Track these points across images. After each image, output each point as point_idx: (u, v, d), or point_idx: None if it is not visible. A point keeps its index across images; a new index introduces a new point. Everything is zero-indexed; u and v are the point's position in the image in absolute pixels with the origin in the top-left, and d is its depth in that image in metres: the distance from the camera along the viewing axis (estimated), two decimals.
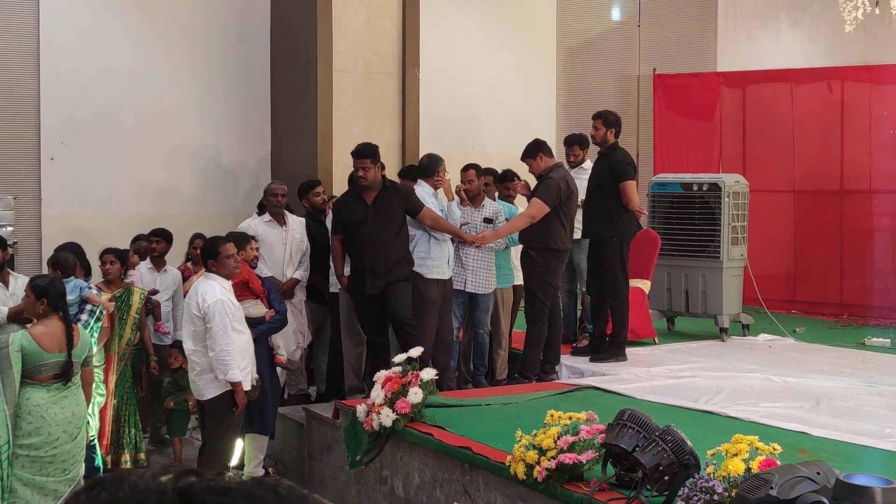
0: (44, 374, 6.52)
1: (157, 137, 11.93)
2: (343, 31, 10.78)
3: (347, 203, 8.63)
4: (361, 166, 8.47)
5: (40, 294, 6.60)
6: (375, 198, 8.49)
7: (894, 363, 9.59)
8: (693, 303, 10.83)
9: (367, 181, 8.46)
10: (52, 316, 6.60)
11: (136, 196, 11.80)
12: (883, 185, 12.64)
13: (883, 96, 12.68)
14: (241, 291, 7.86)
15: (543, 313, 9.02)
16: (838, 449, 6.57)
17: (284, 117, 11.62)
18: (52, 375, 6.54)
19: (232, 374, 7.20)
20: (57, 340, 6.53)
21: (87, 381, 6.89)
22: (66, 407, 6.55)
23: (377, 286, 8.41)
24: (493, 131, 13.75)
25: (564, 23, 14.78)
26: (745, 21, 16.02)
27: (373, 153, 8.54)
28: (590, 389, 8.37)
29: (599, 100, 14.04)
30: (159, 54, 11.96)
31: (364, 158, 8.47)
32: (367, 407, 7.40)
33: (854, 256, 12.82)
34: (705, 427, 6.86)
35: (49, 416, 6.46)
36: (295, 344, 9.14)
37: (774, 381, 8.67)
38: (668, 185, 11.17)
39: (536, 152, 9.16)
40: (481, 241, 8.83)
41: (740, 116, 13.67)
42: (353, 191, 8.67)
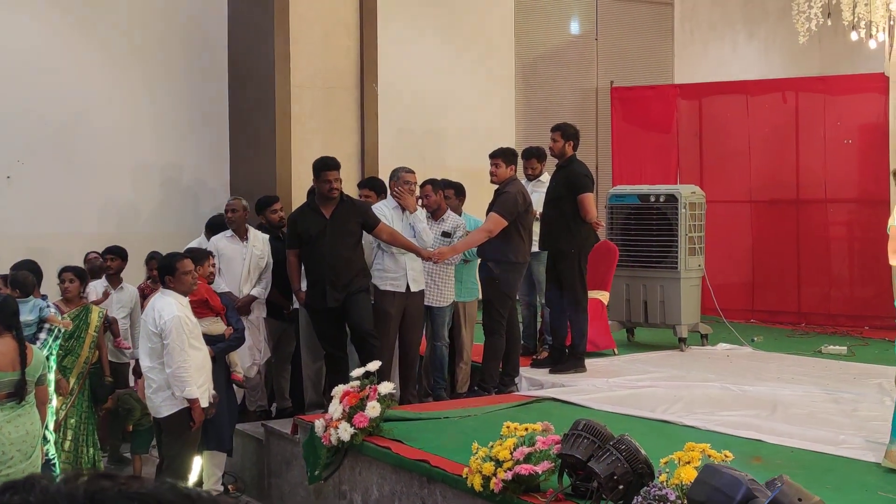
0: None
1: (115, 156, 11.88)
2: (300, 47, 10.79)
3: (305, 216, 8.64)
4: (335, 178, 8.52)
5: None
6: (333, 211, 8.52)
7: (851, 370, 9.67)
8: (652, 313, 10.89)
9: (338, 193, 8.51)
10: (4, 335, 6.56)
11: (95, 215, 11.76)
12: (838, 195, 12.77)
13: (836, 107, 12.82)
14: (200, 309, 7.83)
15: (501, 325, 9.06)
16: (793, 456, 6.64)
17: (243, 134, 11.61)
18: (5, 394, 6.49)
19: (189, 390, 7.17)
20: (10, 359, 6.49)
21: (41, 400, 6.84)
22: (20, 426, 6.50)
23: (337, 299, 8.43)
24: (452, 144, 13.80)
25: (522, 36, 14.85)
26: (702, 33, 16.17)
27: (339, 165, 8.64)
28: (549, 401, 8.41)
29: (557, 112, 14.11)
30: (116, 72, 11.92)
31: (335, 170, 8.56)
32: (325, 422, 7.39)
33: (811, 265, 12.93)
34: (662, 436, 6.90)
35: (3, 436, 6.42)
36: (251, 360, 9.12)
37: (732, 389, 8.74)
38: (625, 196, 11.24)
39: (512, 161, 9.22)
40: (438, 256, 8.86)
41: (697, 128, 13.78)
42: (311, 204, 8.69)
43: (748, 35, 16.30)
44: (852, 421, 7.58)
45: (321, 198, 8.56)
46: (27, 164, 11.41)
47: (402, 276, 8.84)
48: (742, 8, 16.26)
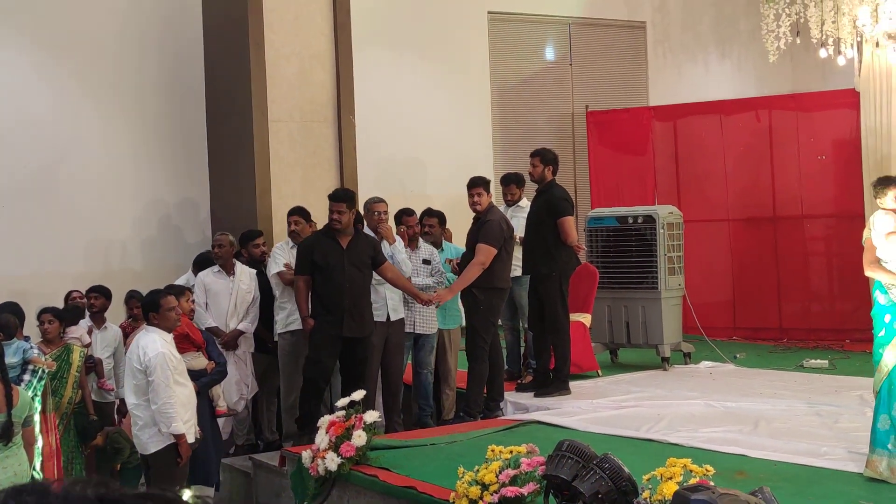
0: None
1: (97, 195, 11.94)
2: (276, 82, 10.87)
3: (321, 244, 8.66)
4: (337, 209, 8.57)
5: None
6: (350, 242, 8.58)
7: (832, 383, 9.77)
8: (634, 334, 10.98)
9: (342, 224, 8.56)
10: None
11: (81, 255, 11.80)
12: (814, 210, 12.90)
13: (809, 123, 12.97)
14: (182, 344, 7.87)
15: (485, 350, 9.12)
16: (776, 469, 6.71)
17: (222, 169, 11.67)
18: None
19: (175, 426, 7.19)
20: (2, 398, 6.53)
21: (28, 442, 6.86)
22: (7, 467, 6.52)
23: (354, 330, 8.49)
24: (432, 173, 13.91)
25: (497, 64, 15.00)
26: (675, 56, 16.34)
27: (349, 198, 8.69)
28: (534, 424, 8.46)
29: (535, 138, 14.23)
30: (95, 113, 12.00)
31: (341, 202, 8.59)
32: (312, 452, 7.44)
33: (790, 281, 13.05)
34: (647, 454, 6.95)
35: None
36: (238, 395, 9.15)
37: (715, 406, 8.82)
38: (603, 219, 11.34)
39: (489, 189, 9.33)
40: (438, 300, 8.93)
41: (673, 149, 13.91)
42: (326, 233, 8.72)
43: (720, 56, 16.50)
44: (834, 433, 7.66)
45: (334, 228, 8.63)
46: (8, 206, 11.45)
47: (383, 305, 8.93)
48: (713, 29, 16.46)
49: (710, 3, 16.24)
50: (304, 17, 11.03)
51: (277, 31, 10.85)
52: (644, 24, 16.23)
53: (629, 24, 16.12)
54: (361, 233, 8.82)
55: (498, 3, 14.92)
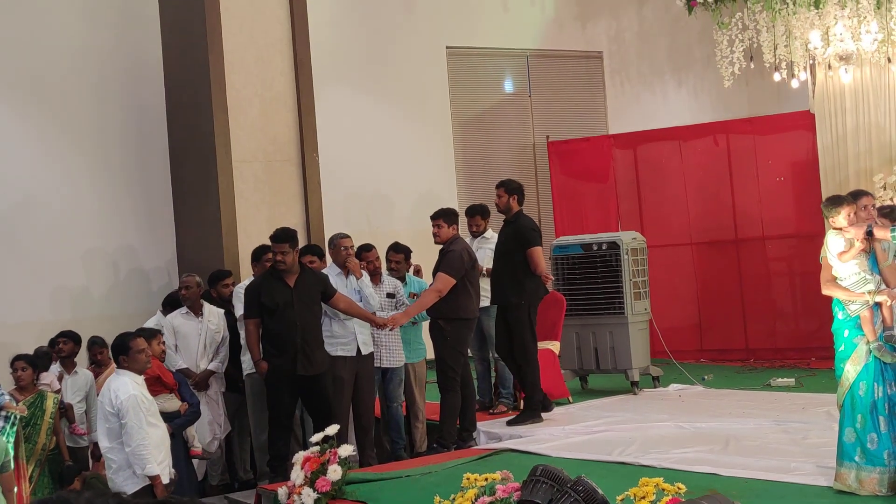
0: None
1: (62, 243, 11.89)
2: (240, 123, 10.94)
3: (269, 286, 8.69)
4: (280, 251, 8.61)
5: None
6: (296, 281, 8.63)
7: (799, 401, 9.89)
8: (603, 360, 11.08)
9: (286, 265, 8.60)
10: None
11: (47, 303, 11.75)
12: (774, 231, 13.07)
13: (766, 146, 13.17)
14: (154, 386, 7.89)
15: (456, 381, 9.19)
16: (747, 486, 6.81)
17: (187, 211, 11.70)
18: None
19: (150, 468, 7.20)
20: None
21: (7, 488, 6.85)
22: None
23: (308, 368, 8.52)
24: (397, 208, 14.00)
25: (457, 97, 15.13)
26: (632, 84, 16.55)
27: (291, 237, 8.73)
28: (508, 452, 8.52)
29: (497, 170, 14.38)
30: (55, 158, 11.97)
31: (283, 243, 8.63)
32: (288, 489, 7.46)
33: (755, 302, 13.20)
34: (620, 477, 7.03)
35: None
36: (211, 435, 9.17)
37: (685, 428, 8.92)
38: (568, 246, 11.46)
39: (453, 221, 9.41)
40: (392, 323, 9.00)
41: (633, 175, 14.08)
42: (273, 274, 8.76)
43: (677, 83, 16.74)
44: (802, 449, 7.78)
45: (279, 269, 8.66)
46: None
47: (352, 339, 8.98)
48: (669, 57, 16.70)
49: (664, 31, 16.48)
50: (264, 58, 11.13)
51: (238, 72, 10.94)
52: (601, 55, 16.43)
53: (586, 54, 16.32)
54: (308, 269, 8.87)
55: (456, 37, 15.08)
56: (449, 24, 14.97)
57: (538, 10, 15.81)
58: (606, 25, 16.40)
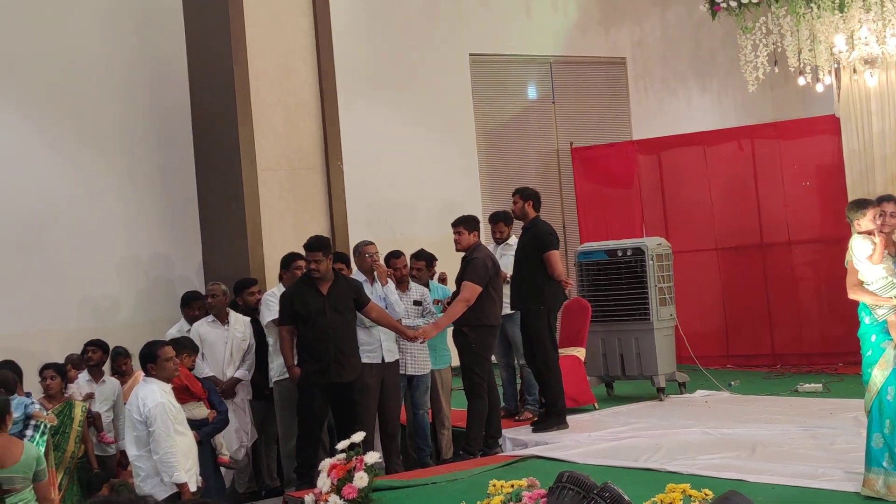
0: None
1: (88, 251, 11.98)
2: (264, 131, 10.97)
3: (301, 293, 8.71)
4: (314, 259, 8.62)
5: None
6: (330, 289, 8.64)
7: (827, 406, 9.84)
8: (629, 366, 11.05)
9: (320, 273, 8.61)
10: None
11: (73, 311, 11.83)
12: (801, 236, 13.01)
13: (792, 150, 13.12)
14: (182, 395, 7.93)
15: (483, 388, 9.19)
16: (774, 492, 6.78)
17: (213, 219, 11.74)
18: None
19: (177, 475, 7.22)
20: None
21: (42, 496, 6.82)
22: None
23: (342, 375, 8.53)
24: (421, 215, 14.00)
25: (480, 104, 15.15)
26: (656, 90, 16.53)
27: (324, 246, 8.73)
28: (533, 459, 8.52)
29: (521, 177, 14.39)
30: (82, 168, 12.07)
31: (316, 251, 8.65)
32: (314, 496, 7.48)
33: (781, 307, 13.13)
34: (646, 483, 7.00)
35: None
36: (238, 443, 9.20)
37: (712, 434, 8.88)
38: (592, 253, 11.45)
39: (474, 227, 9.41)
40: (423, 336, 9.00)
41: (658, 181, 14.05)
42: (306, 281, 8.78)
43: (701, 88, 16.71)
44: (830, 454, 7.73)
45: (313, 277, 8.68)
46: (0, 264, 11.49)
47: (377, 347, 8.99)
48: (693, 62, 16.67)
49: (688, 36, 16.45)
50: (288, 67, 11.16)
51: (263, 80, 10.98)
52: (624, 60, 16.43)
53: (609, 60, 16.32)
54: (342, 277, 8.89)
55: (479, 45, 15.10)
56: (472, 32, 15.00)
57: (561, 17, 15.82)
58: (630, 31, 16.39)
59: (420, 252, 10.05)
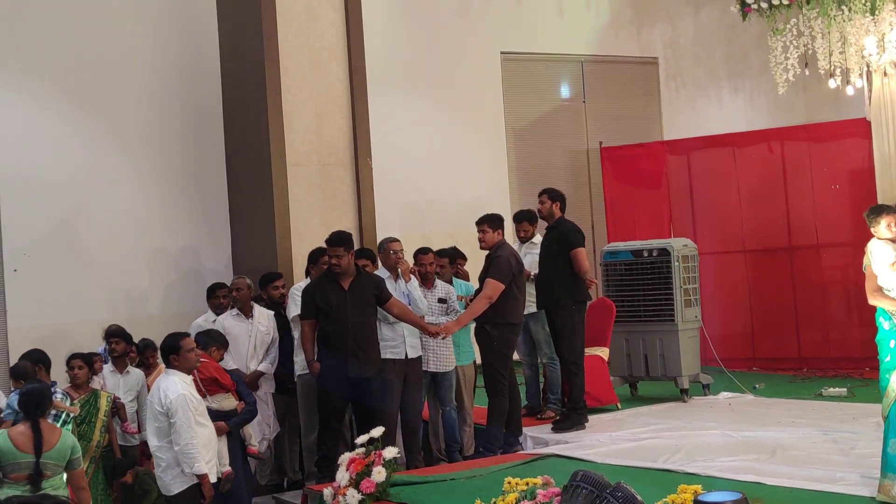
0: (18, 473, 6.66)
1: (119, 243, 12.12)
2: (294, 127, 11.05)
3: (323, 288, 8.76)
4: (335, 254, 8.67)
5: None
6: (351, 283, 8.70)
7: (850, 411, 9.81)
8: (653, 366, 11.05)
9: (342, 268, 8.65)
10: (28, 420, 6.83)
11: (103, 302, 11.96)
12: (829, 239, 12.96)
13: (822, 153, 13.06)
14: (211, 386, 8.02)
15: (504, 385, 9.20)
16: (791, 495, 6.77)
17: (243, 214, 11.85)
18: (25, 475, 6.67)
19: (198, 466, 7.30)
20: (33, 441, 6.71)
21: (77, 486, 6.94)
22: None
23: (361, 370, 8.58)
24: (449, 212, 14.03)
25: (511, 103, 15.17)
26: (687, 90, 16.49)
27: (346, 241, 8.75)
28: (552, 458, 8.53)
29: (550, 176, 14.39)
30: (116, 161, 12.21)
31: (338, 247, 8.68)
32: (333, 490, 7.54)
33: (808, 311, 13.09)
34: (663, 484, 6.99)
35: None
36: (261, 435, 9.27)
37: (732, 436, 8.86)
38: (618, 253, 11.45)
39: (498, 226, 9.44)
40: (445, 332, 9.04)
41: (687, 182, 14.03)
42: (328, 276, 8.83)
43: (733, 89, 16.64)
44: (849, 459, 7.71)
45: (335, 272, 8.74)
46: (33, 255, 11.65)
47: (401, 343, 9.03)
48: (725, 63, 16.60)
49: (720, 37, 16.39)
50: (319, 63, 11.23)
51: (293, 76, 11.06)
52: (656, 60, 16.40)
53: (641, 60, 16.30)
54: (363, 272, 8.92)
55: (510, 43, 15.12)
56: (504, 30, 15.02)
57: (593, 16, 15.81)
58: (662, 31, 16.36)
59: (444, 250, 10.08)
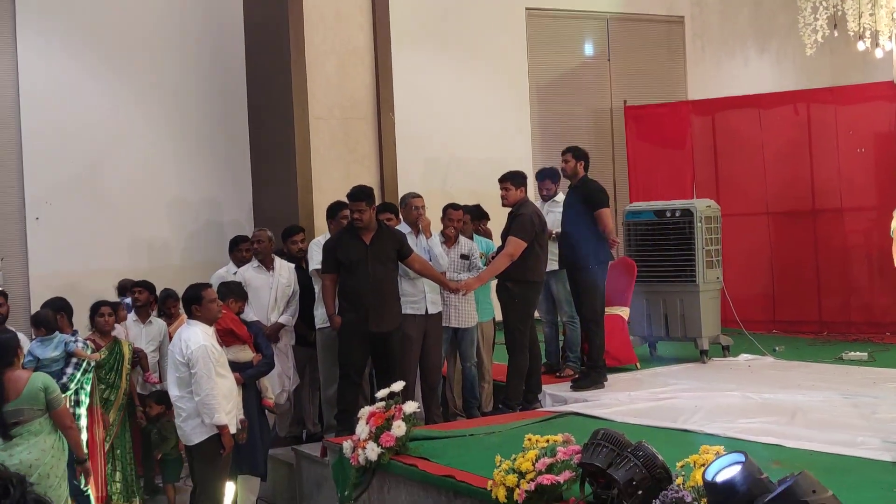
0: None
1: (141, 193, 12.15)
2: (316, 79, 10.99)
3: (345, 242, 8.73)
4: (357, 209, 8.63)
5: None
6: (372, 238, 8.67)
7: (871, 375, 9.76)
8: (673, 327, 11.01)
9: (363, 223, 8.61)
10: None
11: (124, 251, 12.01)
12: (853, 203, 12.84)
13: (848, 116, 12.92)
14: (227, 338, 8.03)
15: (524, 344, 9.19)
16: (812, 459, 6.72)
17: (264, 166, 11.82)
18: None
19: (218, 417, 7.34)
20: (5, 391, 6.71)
21: (62, 425, 6.91)
22: (14, 454, 6.69)
23: (381, 325, 8.58)
24: (471, 169, 13.98)
25: (535, 60, 15.07)
26: (713, 50, 16.33)
27: (367, 196, 8.70)
28: (571, 416, 8.52)
29: (573, 134, 14.30)
30: (139, 111, 12.21)
31: (359, 201, 8.64)
32: (353, 443, 7.55)
33: (830, 274, 13.01)
34: (683, 444, 6.96)
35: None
36: (281, 387, 9.30)
37: (752, 398, 8.83)
38: (641, 212, 11.38)
39: (521, 183, 9.38)
40: (466, 289, 9.01)
41: (711, 143, 13.91)
42: (349, 230, 8.80)
43: (759, 50, 16.47)
44: (870, 423, 7.67)
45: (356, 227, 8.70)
46: (55, 203, 11.68)
47: (421, 298, 9.02)
48: (752, 23, 16.43)
49: None
50: (343, 15, 11.14)
51: (317, 27, 10.97)
52: (682, 19, 16.25)
53: (667, 18, 16.15)
54: (385, 227, 8.88)
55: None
56: None
57: None
58: None
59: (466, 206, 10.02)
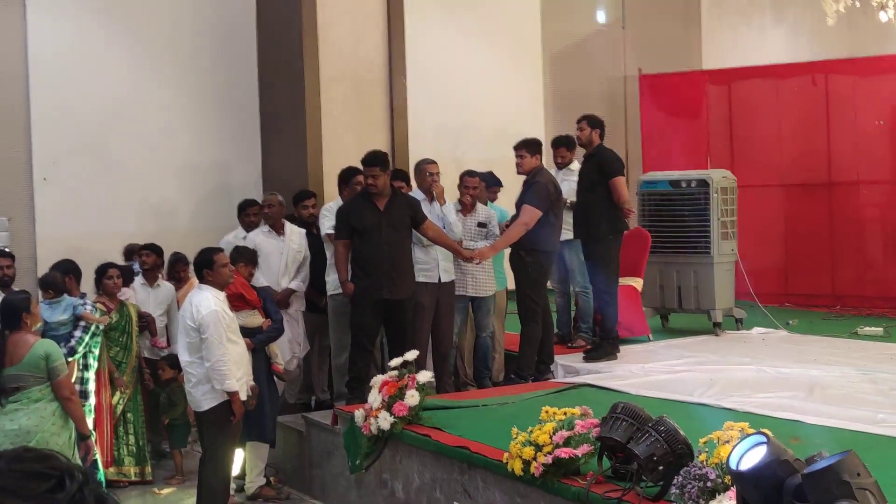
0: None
1: (150, 155, 12.02)
2: (329, 41, 10.84)
3: (359, 208, 8.60)
4: (371, 174, 8.50)
5: None
6: (387, 204, 8.54)
7: (887, 351, 9.66)
8: (686, 299, 10.89)
9: (377, 188, 8.49)
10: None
11: (132, 214, 11.89)
12: (870, 176, 12.71)
13: (866, 88, 12.76)
14: (237, 303, 7.92)
15: (537, 313, 9.09)
16: (832, 435, 6.62)
17: (274, 129, 11.69)
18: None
19: (228, 383, 7.25)
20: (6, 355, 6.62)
21: (61, 395, 6.75)
22: (14, 419, 6.60)
23: (395, 293, 8.46)
24: (481, 136, 13.83)
25: (549, 27, 14.87)
26: (729, 19, 16.13)
27: (382, 161, 8.59)
28: (585, 387, 8.43)
29: (586, 102, 14.09)
30: (148, 73, 12.05)
31: (374, 166, 8.51)
32: (365, 412, 7.46)
33: (845, 248, 12.88)
34: (700, 419, 6.91)
35: None
36: (291, 353, 9.21)
37: (768, 372, 8.73)
38: (656, 182, 11.23)
39: (536, 151, 9.25)
40: (480, 257, 8.89)
41: (727, 113, 13.75)
42: (363, 195, 8.67)
43: (776, 19, 16.26)
44: (890, 400, 7.58)
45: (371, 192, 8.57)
46: (63, 164, 11.56)
47: (434, 266, 8.90)
48: None
49: None
50: None
51: None
52: None
53: None
54: (399, 193, 8.76)
55: None
56: None
57: None
58: None
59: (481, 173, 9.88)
